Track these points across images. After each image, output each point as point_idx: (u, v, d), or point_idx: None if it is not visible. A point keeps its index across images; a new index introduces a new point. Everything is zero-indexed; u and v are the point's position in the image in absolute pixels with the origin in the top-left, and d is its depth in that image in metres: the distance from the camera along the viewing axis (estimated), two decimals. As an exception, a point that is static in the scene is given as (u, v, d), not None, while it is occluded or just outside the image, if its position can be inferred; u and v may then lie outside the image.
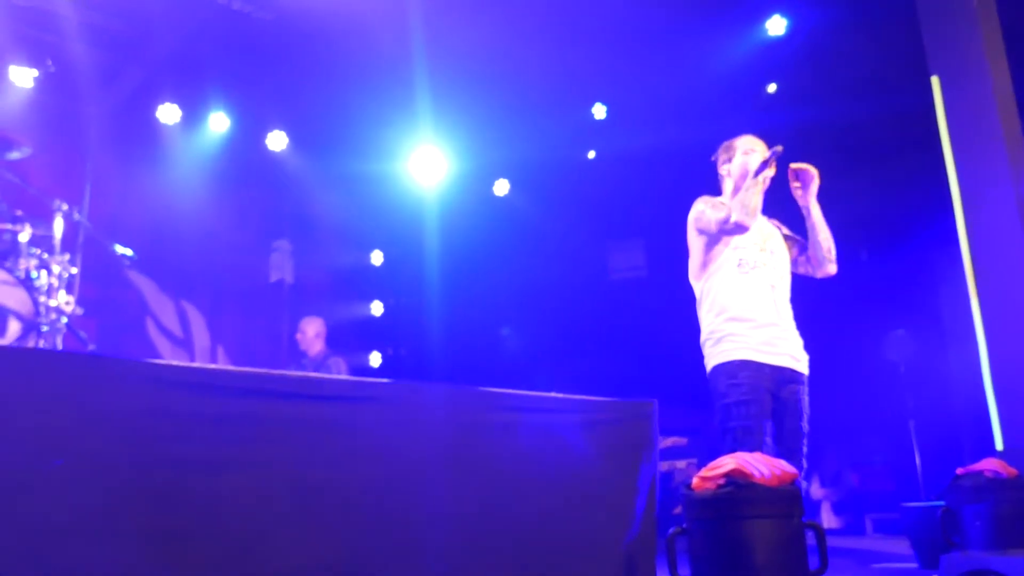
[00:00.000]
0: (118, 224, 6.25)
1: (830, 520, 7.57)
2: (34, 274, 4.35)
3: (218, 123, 7.20)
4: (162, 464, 1.96)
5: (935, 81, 4.99)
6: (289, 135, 7.54)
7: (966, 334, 4.91)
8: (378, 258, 8.91)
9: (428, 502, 2.35)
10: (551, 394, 2.83)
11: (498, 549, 2.47)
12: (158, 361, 2.38)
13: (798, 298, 3.29)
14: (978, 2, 4.84)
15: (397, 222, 8.29)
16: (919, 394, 6.73)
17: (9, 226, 4.37)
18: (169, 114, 6.95)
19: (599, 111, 7.46)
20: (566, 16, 6.03)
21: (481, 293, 8.39)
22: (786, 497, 2.19)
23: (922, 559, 4.39)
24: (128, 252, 5.01)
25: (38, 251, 4.44)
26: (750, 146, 3.33)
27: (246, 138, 7.40)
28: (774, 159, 3.15)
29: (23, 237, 4.38)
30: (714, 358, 3.16)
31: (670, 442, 7.86)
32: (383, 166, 7.76)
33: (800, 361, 3.19)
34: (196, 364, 5.63)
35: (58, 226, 4.59)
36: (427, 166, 7.79)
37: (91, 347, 4.82)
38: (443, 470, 2.41)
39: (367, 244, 8.82)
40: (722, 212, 3.19)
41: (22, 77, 6.09)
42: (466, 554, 2.40)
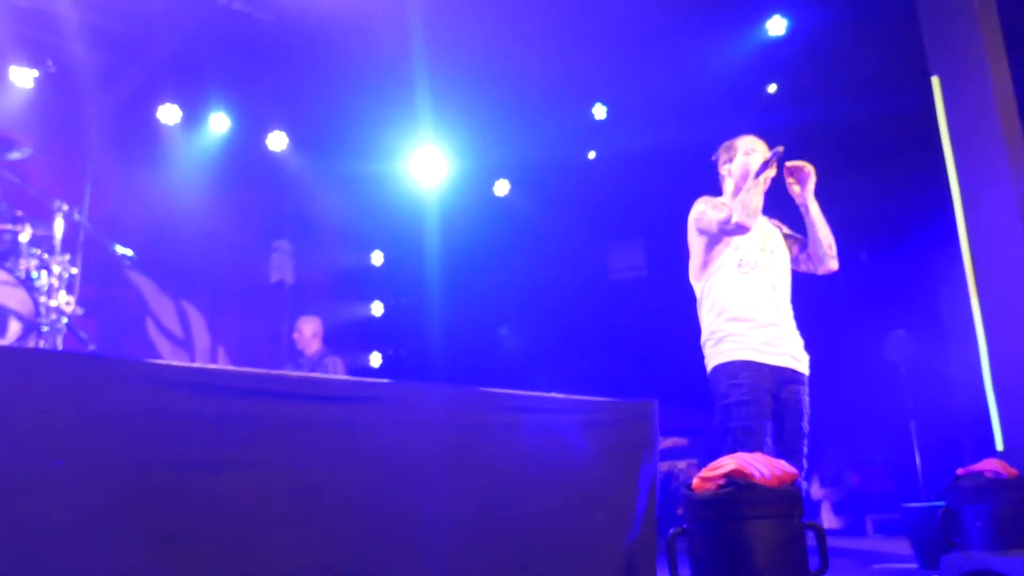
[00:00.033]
0: (118, 224, 6.25)
1: (830, 520, 7.56)
2: (34, 274, 4.35)
3: (218, 123, 7.21)
4: (162, 464, 1.96)
5: (935, 81, 4.99)
6: (289, 135, 7.55)
7: (966, 334, 4.91)
8: (378, 258, 8.91)
9: (428, 502, 2.35)
10: (551, 394, 2.83)
11: (498, 549, 2.47)
12: (158, 361, 2.38)
13: (798, 298, 3.28)
14: (978, 2, 4.84)
15: (397, 222, 8.30)
16: (919, 394, 6.73)
17: (9, 226, 4.37)
18: (169, 114, 6.96)
19: (599, 111, 7.46)
20: (566, 16, 6.04)
21: (481, 293, 8.39)
22: (786, 497, 2.19)
23: (922, 559, 4.38)
24: (128, 252, 5.01)
25: (38, 251, 4.44)
26: (751, 146, 3.32)
27: (246, 138, 7.40)
28: (775, 159, 3.14)
29: (23, 237, 4.38)
30: (715, 358, 3.15)
31: (670, 442, 7.87)
32: (383, 166, 7.76)
33: (800, 361, 3.18)
34: (196, 364, 5.64)
35: (58, 226, 4.59)
36: (427, 166, 7.80)
37: (91, 347, 4.81)
38: (443, 470, 2.41)
39: (367, 244, 8.83)
40: (723, 213, 3.18)
41: (22, 77, 6.10)
42: (466, 554, 2.40)
